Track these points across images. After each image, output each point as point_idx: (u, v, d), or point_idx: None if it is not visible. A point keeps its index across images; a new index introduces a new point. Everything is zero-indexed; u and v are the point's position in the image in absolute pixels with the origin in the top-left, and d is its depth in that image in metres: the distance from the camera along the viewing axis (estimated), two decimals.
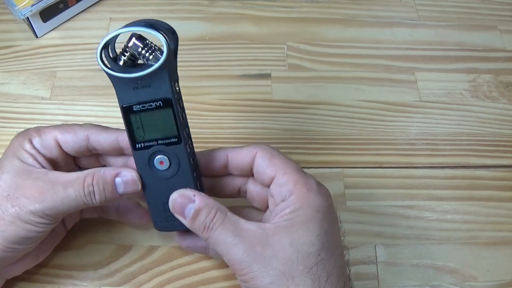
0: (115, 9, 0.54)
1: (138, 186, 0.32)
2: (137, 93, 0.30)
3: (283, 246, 0.30)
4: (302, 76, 0.50)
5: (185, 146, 0.32)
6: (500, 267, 0.40)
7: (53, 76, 0.48)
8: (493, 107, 0.48)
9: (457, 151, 0.45)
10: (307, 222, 0.30)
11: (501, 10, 0.56)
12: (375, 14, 0.55)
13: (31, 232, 0.31)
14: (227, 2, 0.55)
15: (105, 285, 0.37)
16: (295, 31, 0.53)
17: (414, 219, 0.42)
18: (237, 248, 0.30)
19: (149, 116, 0.31)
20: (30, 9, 0.47)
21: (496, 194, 0.43)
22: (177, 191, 0.32)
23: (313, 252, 0.30)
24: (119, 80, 0.30)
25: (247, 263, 0.29)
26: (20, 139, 0.33)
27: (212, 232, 0.31)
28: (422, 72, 0.50)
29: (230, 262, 0.30)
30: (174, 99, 0.30)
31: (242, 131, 0.46)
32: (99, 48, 0.30)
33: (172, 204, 0.32)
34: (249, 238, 0.30)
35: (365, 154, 0.45)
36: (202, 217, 0.31)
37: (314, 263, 0.29)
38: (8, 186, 0.31)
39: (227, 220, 0.31)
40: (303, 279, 0.29)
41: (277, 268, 0.29)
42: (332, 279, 0.30)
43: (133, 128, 0.31)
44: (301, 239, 0.30)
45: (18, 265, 0.35)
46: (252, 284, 0.30)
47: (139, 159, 0.32)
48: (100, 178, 0.31)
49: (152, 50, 0.30)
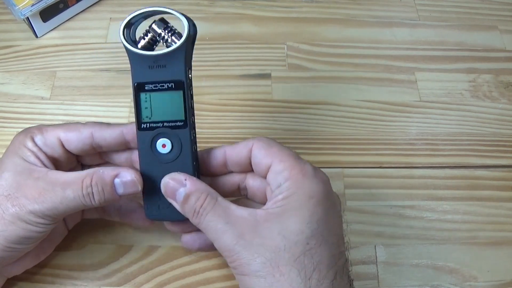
0: (115, 9, 0.54)
1: (138, 187, 0.32)
2: (152, 72, 0.31)
3: (272, 234, 0.29)
4: (302, 76, 0.50)
5: (190, 131, 0.32)
6: (500, 267, 0.40)
7: (53, 76, 0.48)
8: (493, 107, 0.48)
9: (457, 151, 0.45)
10: (299, 209, 0.30)
11: (501, 10, 0.56)
12: (375, 14, 0.55)
13: (31, 232, 0.31)
14: (227, 2, 0.55)
15: (105, 285, 0.37)
16: (295, 31, 0.53)
17: (414, 219, 0.42)
18: (227, 235, 0.29)
19: (159, 96, 0.31)
20: (30, 9, 0.47)
21: (496, 194, 0.43)
22: (169, 175, 0.32)
23: (301, 241, 0.29)
24: (137, 56, 0.31)
25: (236, 251, 0.29)
26: (21, 137, 0.33)
27: (202, 217, 0.30)
28: (422, 72, 0.50)
29: (220, 249, 0.30)
30: (187, 83, 0.31)
31: (242, 131, 0.46)
32: (123, 24, 0.31)
33: (164, 187, 0.32)
34: (239, 225, 0.30)
35: (365, 154, 0.45)
36: (192, 201, 0.31)
37: (302, 252, 0.29)
38: (9, 186, 0.31)
39: (218, 206, 0.30)
40: (288, 268, 0.28)
41: (264, 256, 0.29)
42: (321, 268, 0.29)
43: (141, 107, 0.32)
44: (290, 227, 0.29)
45: (19, 264, 0.34)
46: (240, 271, 0.30)
47: (142, 140, 0.32)
48: (99, 179, 0.31)
49: (173, 33, 0.31)
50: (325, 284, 0.29)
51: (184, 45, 0.30)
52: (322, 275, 0.29)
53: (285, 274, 0.28)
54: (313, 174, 0.31)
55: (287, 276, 0.28)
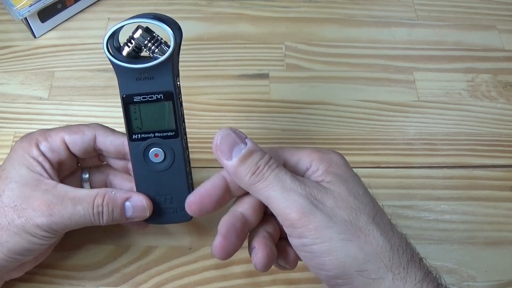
0: (113, 9, 0.54)
1: (146, 213, 0.33)
2: (139, 84, 0.31)
3: (344, 196, 0.28)
4: (300, 76, 0.49)
5: (182, 140, 0.32)
6: (498, 267, 0.39)
7: (51, 76, 0.48)
8: (492, 106, 0.48)
9: (455, 151, 0.45)
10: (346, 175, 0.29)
11: (500, 9, 0.56)
12: (373, 14, 0.55)
13: (35, 245, 0.31)
14: (225, 2, 0.55)
15: (102, 285, 0.37)
16: (293, 31, 0.53)
17: (412, 219, 0.42)
18: (297, 194, 0.27)
19: (149, 108, 0.31)
20: (28, 10, 0.47)
21: (494, 194, 0.43)
22: (226, 129, 0.29)
23: (369, 202, 0.29)
24: (123, 70, 0.31)
25: (310, 211, 0.27)
26: (25, 144, 0.33)
27: (266, 174, 0.28)
28: (421, 72, 0.50)
29: (287, 210, 0.27)
30: (175, 93, 0.31)
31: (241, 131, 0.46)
32: (106, 37, 0.30)
33: (220, 141, 0.29)
34: (307, 185, 0.28)
35: (363, 154, 0.45)
36: (255, 158, 0.28)
37: (374, 212, 0.28)
38: (16, 196, 0.31)
39: (281, 167, 0.29)
40: (370, 228, 0.28)
41: (343, 217, 0.27)
42: (393, 229, 0.29)
43: (131, 119, 0.32)
44: (355, 189, 0.29)
45: (18, 268, 0.34)
46: (315, 238, 0.27)
47: (134, 150, 0.32)
48: (111, 200, 0.32)
49: (159, 43, 0.31)
50: (404, 243, 0.28)
51: (171, 56, 0.30)
52: (397, 234, 0.28)
53: (369, 234, 0.27)
54: (329, 150, 0.31)
55: (372, 236, 0.27)
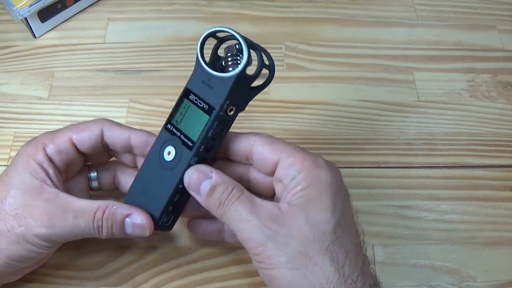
0: (113, 9, 0.54)
1: (146, 232, 0.32)
2: (202, 86, 0.32)
3: (299, 224, 0.29)
4: (300, 76, 0.49)
5: (192, 157, 0.32)
6: (498, 267, 0.39)
7: (51, 76, 0.48)
8: (492, 106, 0.48)
9: (455, 151, 0.45)
10: (321, 198, 0.30)
11: (500, 9, 0.56)
12: (373, 14, 0.55)
13: (33, 253, 0.31)
14: (225, 2, 0.55)
15: (102, 285, 0.37)
16: (293, 31, 0.53)
17: (412, 219, 0.42)
18: (252, 225, 0.29)
19: (193, 111, 0.32)
20: (28, 10, 0.47)
21: (494, 194, 0.43)
22: (194, 167, 0.31)
23: (329, 230, 0.29)
24: (200, 68, 0.32)
25: (262, 241, 0.29)
26: (30, 149, 0.32)
27: (227, 208, 0.30)
28: (421, 72, 0.50)
29: (245, 240, 0.30)
30: (218, 114, 0.31)
31: (240, 131, 0.45)
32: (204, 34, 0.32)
33: (188, 180, 0.31)
34: (264, 216, 0.29)
35: (363, 154, 0.45)
36: (218, 192, 0.30)
37: (331, 240, 0.29)
38: (18, 204, 0.31)
39: (243, 197, 0.30)
40: (321, 258, 0.28)
41: (294, 247, 0.28)
42: (351, 257, 0.29)
43: (177, 111, 0.33)
44: (317, 217, 0.29)
45: (16, 272, 0.34)
46: (267, 264, 0.29)
47: (161, 138, 0.33)
48: (110, 215, 0.31)
49: (235, 62, 0.32)
50: (357, 272, 0.29)
51: (232, 78, 0.31)
52: (353, 263, 0.29)
53: (318, 264, 0.28)
54: (326, 165, 0.31)
55: (320, 265, 0.28)
